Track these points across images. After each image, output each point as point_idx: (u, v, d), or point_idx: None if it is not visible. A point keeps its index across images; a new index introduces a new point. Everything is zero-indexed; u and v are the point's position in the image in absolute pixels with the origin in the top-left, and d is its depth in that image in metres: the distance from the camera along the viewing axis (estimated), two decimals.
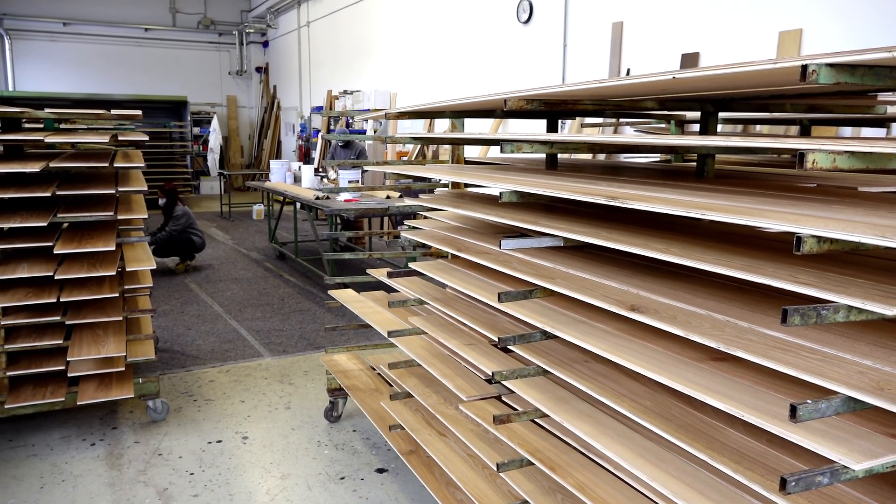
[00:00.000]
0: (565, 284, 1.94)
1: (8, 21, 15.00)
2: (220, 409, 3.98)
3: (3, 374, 3.43)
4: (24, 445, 3.50)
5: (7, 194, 3.29)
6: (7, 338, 3.43)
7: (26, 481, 3.16)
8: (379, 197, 6.95)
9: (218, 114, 16.32)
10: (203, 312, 6.04)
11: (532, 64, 7.41)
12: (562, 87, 1.90)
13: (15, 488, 3.10)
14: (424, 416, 2.90)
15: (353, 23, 11.85)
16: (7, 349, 3.41)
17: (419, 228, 3.07)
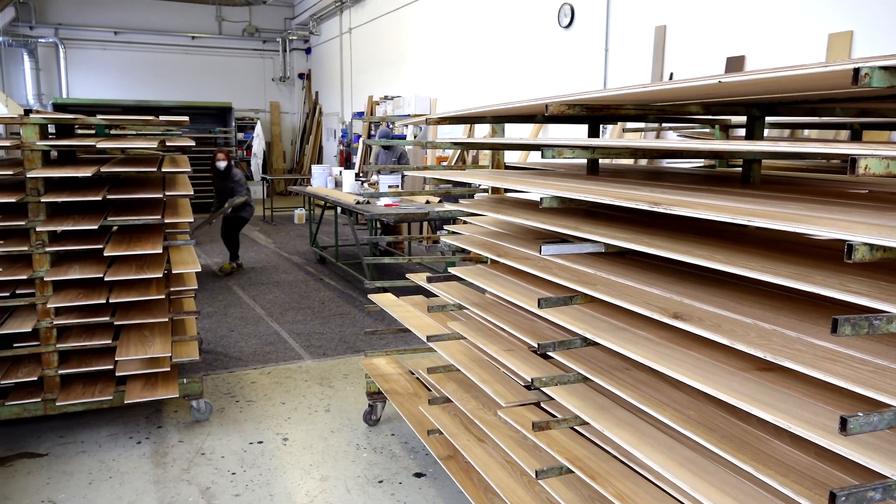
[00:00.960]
0: (606, 291, 1.92)
1: (63, 30, 15.53)
2: (261, 411, 4.04)
3: (55, 373, 3.54)
4: (74, 442, 3.60)
5: (61, 198, 3.40)
6: (59, 337, 3.54)
7: (76, 477, 3.25)
8: (419, 202, 6.98)
9: (261, 119, 16.61)
10: (245, 315, 6.15)
11: (573, 68, 7.37)
12: (605, 92, 1.88)
13: (65, 483, 3.19)
14: (463, 422, 2.90)
15: (394, 29, 11.95)
16: (59, 348, 3.52)
17: (459, 233, 3.07)
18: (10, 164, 3.56)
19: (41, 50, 15.39)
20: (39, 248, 3.41)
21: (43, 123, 3.50)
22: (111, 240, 3.60)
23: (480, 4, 9.13)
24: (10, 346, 3.50)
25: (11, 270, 3.41)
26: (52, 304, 3.41)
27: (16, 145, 3.38)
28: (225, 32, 17.01)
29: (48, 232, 3.43)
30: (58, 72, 15.60)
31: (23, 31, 15.13)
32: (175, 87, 16.41)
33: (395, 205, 6.74)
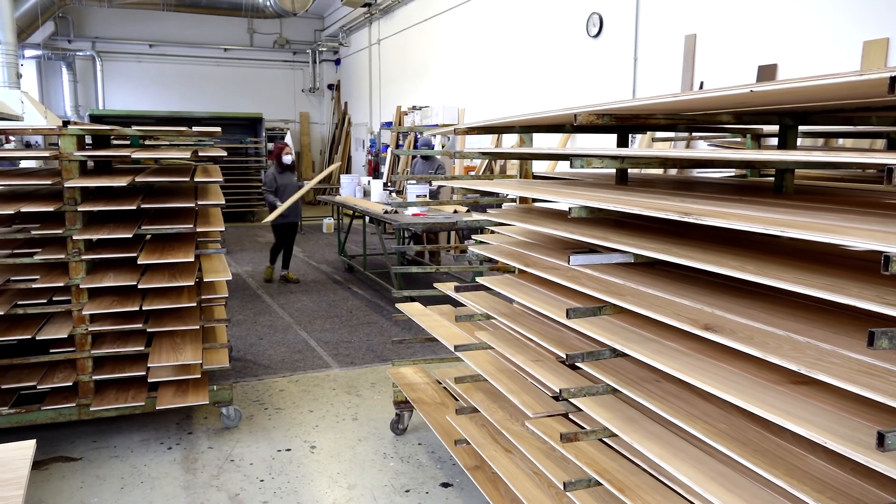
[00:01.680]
0: (636, 302, 1.91)
1: (100, 44, 15.91)
2: (289, 418, 4.07)
3: (90, 378, 3.61)
4: (107, 447, 3.66)
5: (97, 207, 3.48)
6: (93, 343, 3.61)
7: (108, 481, 3.30)
8: (447, 211, 6.99)
9: (291, 130, 16.81)
10: (274, 323, 6.20)
11: (601, 78, 7.34)
12: (634, 102, 1.87)
13: (98, 488, 3.25)
14: (490, 432, 2.89)
15: (422, 39, 12.02)
16: (93, 354, 3.59)
17: (486, 243, 3.07)
18: (48, 174, 3.65)
19: (79, 63, 15.78)
20: (76, 256, 3.49)
21: (80, 135, 3.58)
22: (144, 248, 3.67)
23: (509, 15, 9.15)
24: (47, 352, 3.58)
25: (49, 278, 3.49)
26: (88, 311, 3.48)
27: (54, 156, 3.47)
28: (256, 44, 17.28)
29: (84, 240, 3.51)
30: (94, 84, 15.98)
31: (62, 45, 15.53)
32: (207, 99, 16.70)
33: (422, 214, 6.76)
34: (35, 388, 3.53)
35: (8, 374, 3.59)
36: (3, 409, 3.48)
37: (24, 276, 3.53)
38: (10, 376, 3.57)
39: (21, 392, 3.63)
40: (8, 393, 3.59)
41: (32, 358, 3.61)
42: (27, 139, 7.72)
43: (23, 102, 7.45)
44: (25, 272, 3.55)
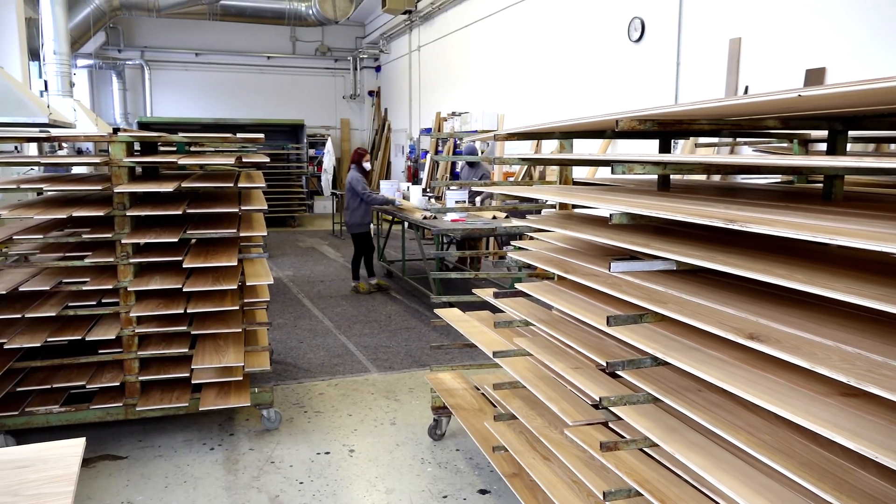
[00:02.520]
0: (678, 310, 1.88)
1: (148, 53, 16.35)
2: (328, 422, 4.10)
3: (136, 379, 3.70)
4: (152, 446, 3.74)
5: (144, 212, 3.57)
6: (140, 344, 3.70)
7: (153, 480, 3.38)
8: (485, 217, 6.99)
9: (332, 136, 17.01)
10: (314, 327, 6.27)
11: (643, 83, 7.26)
12: (678, 107, 1.85)
13: (143, 486, 3.32)
14: (529, 439, 2.87)
15: (462, 46, 12.06)
16: (140, 355, 3.68)
17: (525, 249, 3.06)
18: (98, 180, 3.76)
19: (128, 71, 16.24)
20: (124, 260, 3.59)
21: (129, 141, 3.68)
22: (189, 252, 3.75)
23: (548, 20, 9.13)
24: (96, 353, 3.68)
25: (98, 280, 3.59)
26: (135, 313, 3.57)
27: (105, 162, 3.57)
28: (298, 52, 17.55)
29: (132, 244, 3.60)
30: (143, 92, 16.42)
31: (112, 54, 16.01)
32: (251, 106, 17.02)
33: (461, 220, 6.77)
34: (84, 387, 3.63)
35: (59, 374, 3.70)
36: (55, 408, 3.59)
37: (75, 278, 3.63)
38: (61, 376, 3.68)
39: (71, 391, 3.74)
40: (59, 392, 3.70)
41: (82, 358, 3.71)
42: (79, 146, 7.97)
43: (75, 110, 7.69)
44: (76, 275, 3.66)
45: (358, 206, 7.59)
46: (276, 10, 13.86)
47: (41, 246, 4.06)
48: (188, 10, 12.93)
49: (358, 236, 7.70)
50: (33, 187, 3.76)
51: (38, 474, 1.40)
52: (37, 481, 1.37)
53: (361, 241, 7.73)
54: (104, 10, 11.70)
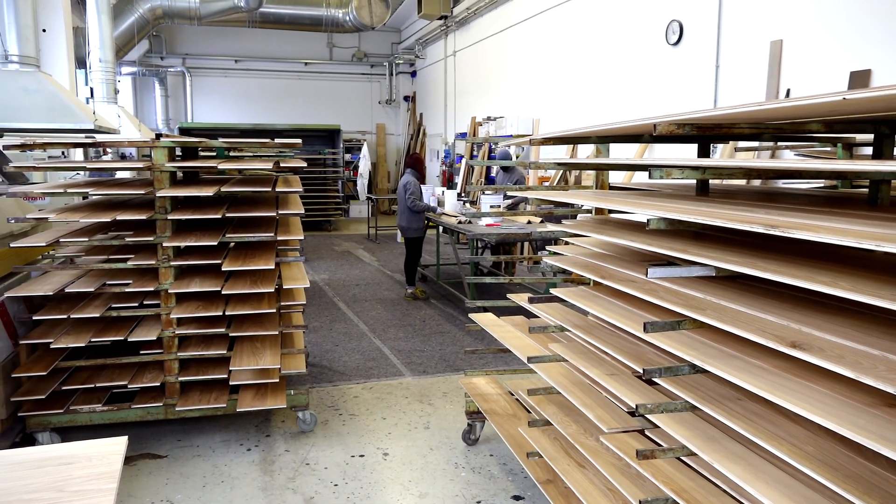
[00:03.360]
0: (717, 316, 1.85)
1: (190, 60, 16.72)
2: (362, 425, 4.13)
3: (176, 379, 3.77)
4: (191, 446, 3.81)
5: (185, 215, 3.64)
6: (179, 346, 3.78)
7: (191, 479, 3.44)
8: (520, 222, 6.96)
9: (368, 141, 17.15)
10: (349, 330, 6.32)
11: (681, 87, 7.16)
12: (717, 111, 1.82)
13: (182, 485, 3.38)
14: (563, 446, 2.85)
15: (498, 50, 12.05)
16: (179, 356, 3.75)
17: (561, 254, 3.05)
18: (141, 184, 3.85)
19: (170, 78, 16.62)
20: (165, 262, 3.66)
21: (171, 147, 3.76)
22: (228, 255, 3.81)
23: (584, 24, 9.07)
24: (137, 353, 3.76)
25: (140, 282, 3.68)
26: (175, 315, 3.64)
27: (147, 167, 3.66)
28: (335, 58, 17.75)
29: (173, 247, 3.68)
30: (184, 98, 16.78)
31: (155, 62, 16.40)
32: (288, 111, 17.26)
33: (496, 225, 6.76)
34: (126, 387, 3.72)
35: (102, 374, 3.79)
36: (98, 407, 3.68)
37: (118, 280, 3.72)
38: (104, 375, 3.77)
39: (113, 391, 3.83)
40: (101, 391, 3.80)
41: (124, 358, 3.80)
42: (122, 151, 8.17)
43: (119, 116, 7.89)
44: (120, 277, 3.75)
45: (407, 209, 7.44)
46: (314, 16, 14.04)
47: (86, 248, 4.17)
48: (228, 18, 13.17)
49: (412, 241, 7.58)
50: (79, 191, 3.86)
51: (83, 471, 1.43)
52: (81, 478, 1.41)
53: (414, 245, 7.60)
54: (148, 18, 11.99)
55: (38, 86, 4.39)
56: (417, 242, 7.59)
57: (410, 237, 7.57)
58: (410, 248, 7.62)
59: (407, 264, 7.71)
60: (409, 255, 7.66)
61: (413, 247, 7.60)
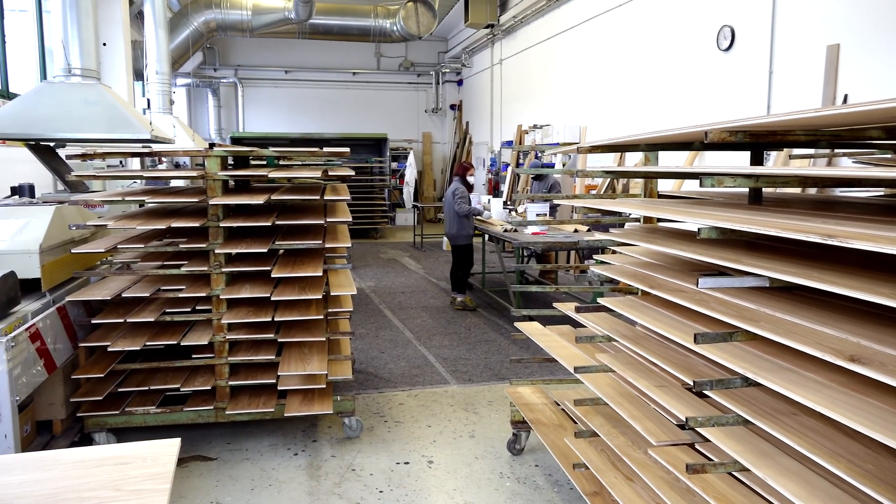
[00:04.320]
0: (771, 328, 1.80)
1: (242, 71, 17.13)
2: (408, 432, 4.14)
3: (226, 383, 3.85)
4: (240, 449, 3.88)
5: (237, 223, 3.72)
6: (230, 350, 3.86)
7: (240, 482, 3.50)
8: (567, 230, 6.91)
9: (414, 149, 17.28)
10: (395, 337, 6.36)
11: (732, 93, 7.02)
12: (771, 118, 1.78)
13: (231, 487, 3.45)
14: (610, 458, 2.81)
15: (544, 58, 12.01)
16: (230, 361, 3.83)
17: (608, 263, 3.01)
18: (194, 192, 3.96)
19: (223, 89, 17.06)
20: (217, 269, 3.75)
21: (224, 156, 3.86)
22: (277, 262, 3.88)
23: (633, 30, 8.98)
24: (190, 357, 3.86)
25: (193, 288, 3.77)
26: (226, 320, 3.72)
27: (201, 175, 3.76)
28: (383, 67, 17.96)
29: (225, 254, 3.76)
30: (236, 108, 17.20)
31: (208, 73, 16.85)
32: (336, 120, 17.53)
33: (542, 233, 6.73)
34: (178, 390, 3.81)
35: (156, 376, 3.90)
36: (151, 409, 3.78)
37: (172, 286, 3.83)
38: (158, 378, 3.88)
39: (166, 393, 3.93)
40: (155, 393, 3.90)
41: (177, 362, 3.90)
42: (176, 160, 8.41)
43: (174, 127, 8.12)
44: (173, 282, 3.85)
45: (456, 216, 7.38)
46: (362, 27, 14.24)
47: (142, 255, 4.30)
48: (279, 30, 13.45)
49: (460, 248, 7.51)
50: (136, 199, 3.99)
51: (139, 471, 1.48)
52: (137, 477, 1.45)
53: (463, 253, 7.52)
54: (202, 31, 12.34)
55: (99, 98, 4.56)
56: (466, 250, 7.53)
57: (459, 244, 7.52)
58: (459, 256, 7.57)
59: (454, 272, 7.65)
60: (457, 263, 7.60)
61: (461, 255, 7.55)
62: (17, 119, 4.33)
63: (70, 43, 4.59)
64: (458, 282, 7.61)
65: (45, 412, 3.68)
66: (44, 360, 3.28)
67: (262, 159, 5.02)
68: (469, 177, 7.66)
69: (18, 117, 4.34)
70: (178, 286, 3.81)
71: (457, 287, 7.63)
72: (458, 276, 7.61)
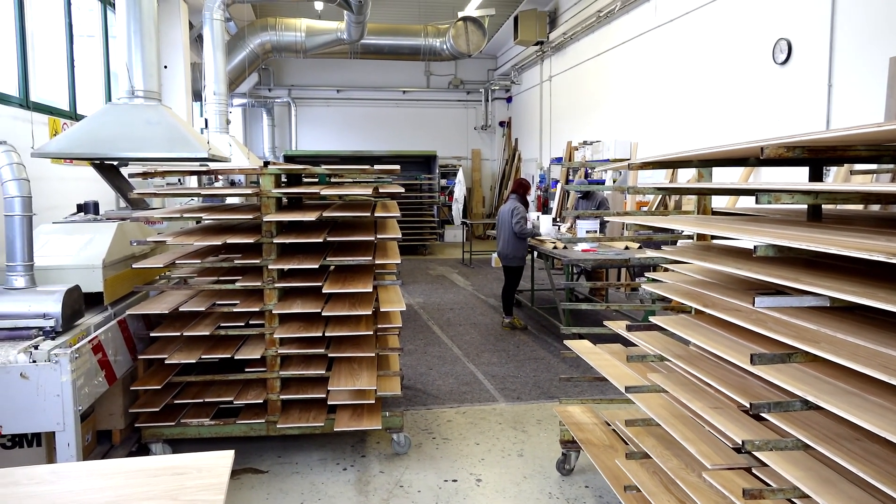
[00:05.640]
0: (832, 350, 1.74)
1: (295, 91, 17.54)
2: (456, 449, 4.13)
3: (277, 397, 3.91)
4: (290, 463, 3.93)
5: (290, 239, 3.80)
6: (281, 364, 3.92)
7: (290, 496, 3.54)
8: (617, 247, 6.83)
9: (463, 166, 17.35)
10: (443, 354, 6.36)
11: (789, 107, 6.85)
12: (831, 133, 1.74)
13: (281, 500, 3.49)
14: (663, 480, 2.75)
15: (594, 74, 11.95)
16: (281, 375, 3.89)
17: (660, 281, 2.96)
18: (249, 209, 4.06)
19: (277, 108, 17.48)
20: (270, 284, 3.83)
21: (277, 174, 3.94)
22: (328, 278, 3.94)
23: (685, 45, 8.87)
24: (242, 371, 3.94)
25: (247, 303, 3.85)
26: (279, 335, 3.78)
27: (255, 193, 3.85)
28: (432, 86, 18.14)
29: (277, 269, 3.84)
30: (289, 127, 17.60)
31: (263, 93, 17.30)
32: (386, 138, 17.77)
33: (592, 250, 6.66)
34: (231, 402, 3.89)
35: (210, 389, 3.99)
36: (206, 421, 3.86)
37: (226, 300, 3.92)
38: (212, 391, 3.96)
39: (219, 406, 4.01)
40: (209, 406, 3.99)
41: (230, 375, 3.98)
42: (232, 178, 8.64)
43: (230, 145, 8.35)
44: (228, 297, 3.94)
45: (512, 235, 7.25)
46: (412, 46, 14.43)
47: (198, 270, 4.42)
48: (331, 51, 13.73)
49: (512, 269, 7.40)
50: (193, 216, 4.11)
51: (194, 481, 1.51)
52: (193, 488, 1.48)
53: (515, 273, 7.42)
54: (258, 53, 12.68)
55: (160, 118, 4.72)
56: (518, 271, 7.43)
57: (512, 266, 7.39)
58: (510, 276, 7.46)
59: (505, 292, 7.56)
60: (509, 283, 7.50)
61: (513, 275, 7.44)
62: (84, 139, 4.52)
63: (134, 66, 4.78)
64: (508, 303, 7.55)
65: (106, 422, 3.80)
66: (105, 371, 3.39)
67: (315, 177, 5.11)
68: (527, 195, 7.55)
69: (85, 138, 4.54)
70: (233, 301, 3.90)
71: (507, 308, 7.56)
72: (508, 297, 7.54)
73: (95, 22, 8.62)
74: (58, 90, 7.36)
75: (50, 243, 3.77)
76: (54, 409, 2.94)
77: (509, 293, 7.51)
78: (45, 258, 3.60)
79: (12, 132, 5.61)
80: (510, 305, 7.53)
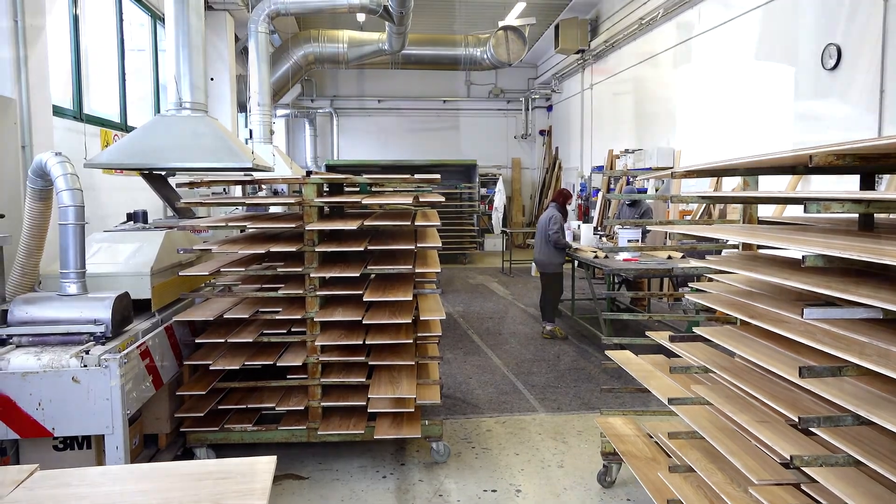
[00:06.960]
0: (886, 364, 1.69)
1: (337, 101, 17.79)
2: (495, 459, 4.11)
3: (318, 404, 3.95)
4: (330, 469, 3.96)
5: (332, 248, 3.84)
6: (322, 372, 3.96)
7: (331, 502, 3.57)
8: (660, 257, 6.73)
9: (503, 175, 17.33)
10: (483, 363, 6.34)
11: (838, 114, 6.68)
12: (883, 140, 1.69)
13: None
14: (707, 495, 2.69)
15: (636, 82, 11.83)
16: (322, 382, 3.93)
17: (705, 291, 2.91)
18: (291, 218, 4.12)
19: (319, 119, 17.75)
20: (312, 292, 3.87)
21: (319, 183, 4.00)
22: (369, 286, 3.97)
23: (729, 51, 8.72)
24: (284, 377, 3.99)
25: (289, 310, 3.91)
26: (320, 342, 3.82)
27: (298, 202, 3.91)
28: (473, 95, 18.20)
29: (319, 277, 3.88)
30: (331, 137, 17.86)
31: (305, 104, 17.58)
32: (426, 147, 17.87)
33: (634, 260, 6.57)
34: (273, 409, 3.94)
35: (253, 395, 4.05)
36: (248, 426, 3.92)
37: (269, 308, 3.98)
38: (255, 397, 4.02)
39: (262, 412, 4.07)
40: (252, 412, 4.05)
41: (273, 382, 4.03)
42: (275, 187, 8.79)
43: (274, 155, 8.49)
44: (271, 305, 4.01)
45: (548, 242, 7.25)
46: (453, 56, 14.50)
47: (242, 277, 4.50)
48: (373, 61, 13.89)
49: (549, 276, 7.38)
50: (238, 225, 4.19)
51: (238, 486, 1.54)
52: (236, 492, 1.51)
53: (552, 281, 7.40)
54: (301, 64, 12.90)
55: (207, 129, 4.84)
56: (556, 278, 7.40)
57: (549, 273, 7.39)
58: (548, 283, 7.44)
59: (543, 300, 7.53)
60: (546, 291, 7.47)
61: (551, 283, 7.42)
62: (133, 150, 4.66)
63: (182, 79, 4.91)
64: (547, 310, 7.51)
65: (152, 426, 3.89)
66: (152, 376, 3.47)
67: (356, 186, 5.17)
68: (567, 205, 7.51)
69: (134, 148, 4.67)
70: (276, 308, 3.96)
71: (546, 316, 7.52)
72: (546, 305, 7.51)
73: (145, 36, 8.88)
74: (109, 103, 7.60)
75: (101, 251, 3.89)
76: (104, 413, 3.02)
77: (549, 301, 7.46)
78: (96, 266, 3.71)
79: (67, 143, 5.80)
80: (550, 313, 7.47)
